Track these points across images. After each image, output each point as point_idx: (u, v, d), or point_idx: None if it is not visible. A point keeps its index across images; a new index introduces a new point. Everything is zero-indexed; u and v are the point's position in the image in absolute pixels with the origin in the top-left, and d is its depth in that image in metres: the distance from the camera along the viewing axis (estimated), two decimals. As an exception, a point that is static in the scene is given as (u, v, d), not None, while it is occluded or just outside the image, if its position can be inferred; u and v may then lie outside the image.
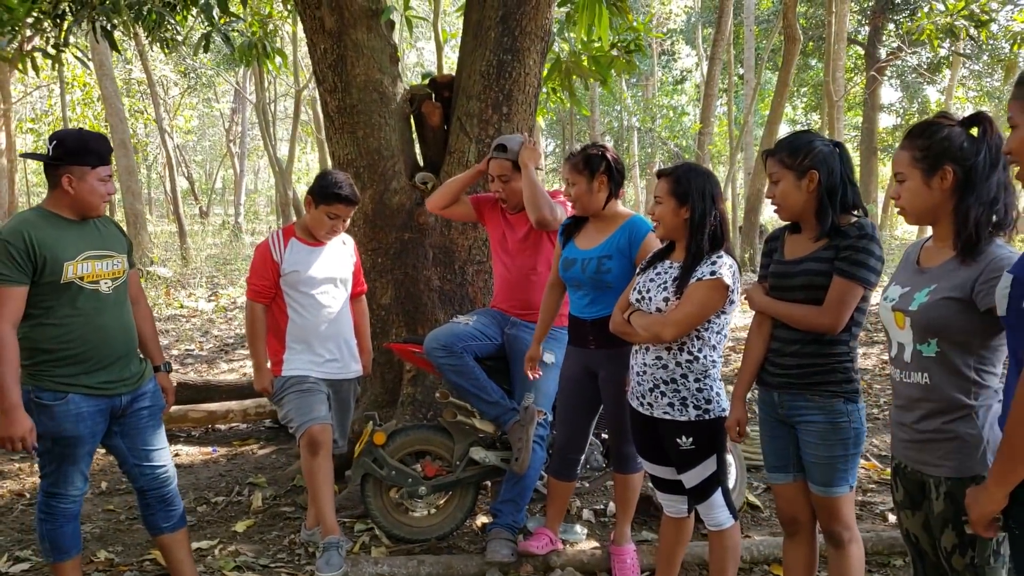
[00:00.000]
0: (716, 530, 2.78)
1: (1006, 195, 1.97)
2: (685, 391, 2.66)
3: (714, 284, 2.57)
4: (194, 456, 5.20)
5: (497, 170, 3.42)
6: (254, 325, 3.39)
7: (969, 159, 1.97)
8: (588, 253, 3.10)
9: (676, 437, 2.69)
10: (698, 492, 2.75)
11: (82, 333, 2.69)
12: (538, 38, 4.35)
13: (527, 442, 3.32)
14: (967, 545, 1.94)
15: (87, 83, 18.35)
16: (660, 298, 2.65)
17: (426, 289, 4.38)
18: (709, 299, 2.58)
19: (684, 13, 26.36)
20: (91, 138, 2.72)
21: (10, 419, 2.56)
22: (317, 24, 4.32)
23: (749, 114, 16.60)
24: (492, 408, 3.46)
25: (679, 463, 2.75)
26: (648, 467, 2.93)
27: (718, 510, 2.76)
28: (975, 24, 9.02)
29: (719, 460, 2.73)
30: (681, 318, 2.58)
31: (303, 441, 3.27)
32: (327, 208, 3.33)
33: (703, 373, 2.66)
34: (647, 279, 2.75)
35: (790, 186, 2.45)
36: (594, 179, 3.07)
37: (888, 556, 3.42)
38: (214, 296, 12.48)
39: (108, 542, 3.78)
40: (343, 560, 3.18)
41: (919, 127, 2.06)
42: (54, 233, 2.67)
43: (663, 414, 2.70)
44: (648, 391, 2.72)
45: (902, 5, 19.07)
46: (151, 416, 2.93)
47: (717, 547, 2.80)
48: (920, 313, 1.99)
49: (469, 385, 3.41)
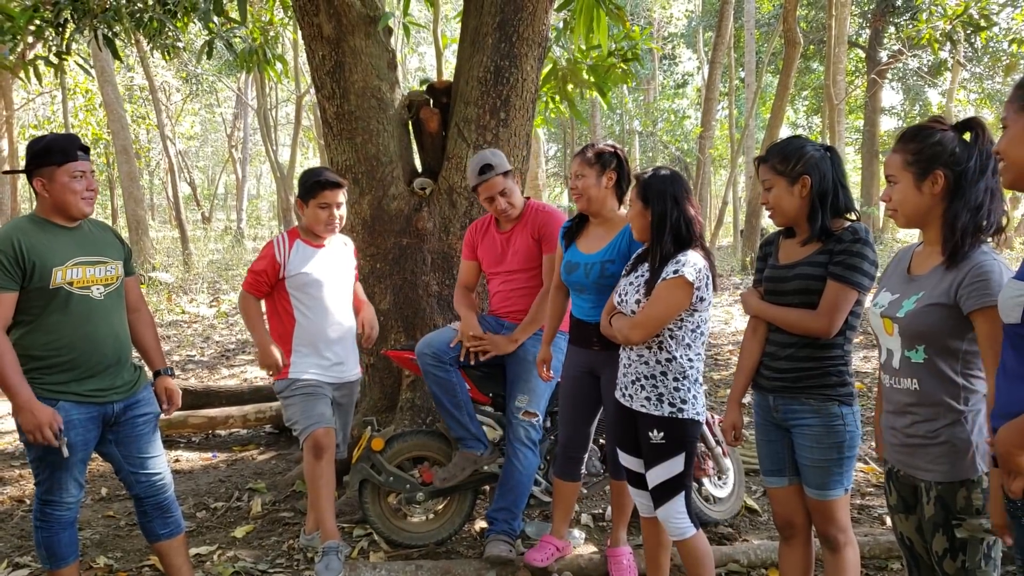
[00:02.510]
0: (679, 539, 2.78)
1: (992, 201, 1.97)
2: (663, 387, 2.70)
3: (677, 283, 2.60)
4: (194, 462, 5.21)
5: (494, 189, 3.43)
6: (249, 310, 3.39)
7: (960, 164, 1.97)
8: (591, 257, 3.12)
9: (649, 430, 2.73)
10: (660, 493, 2.76)
11: (71, 340, 2.69)
12: (535, 44, 4.36)
13: (462, 473, 3.48)
14: (958, 549, 1.95)
15: (89, 90, 18.42)
16: (633, 300, 2.71)
17: (424, 295, 4.39)
18: (673, 298, 2.61)
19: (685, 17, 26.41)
20: (55, 139, 2.71)
21: (29, 411, 2.57)
22: (315, 31, 4.34)
23: (750, 117, 16.62)
24: (459, 429, 3.50)
25: (648, 457, 2.77)
26: (623, 458, 2.95)
27: (677, 518, 2.76)
28: (973, 29, 9.03)
29: (687, 462, 2.74)
30: (644, 319, 2.63)
31: (307, 444, 3.27)
32: (315, 200, 3.36)
33: (681, 373, 2.70)
34: (627, 282, 2.81)
35: (783, 192, 2.47)
36: (604, 174, 3.11)
37: (885, 560, 3.42)
38: (215, 302, 12.51)
39: (107, 548, 3.79)
40: (342, 564, 3.19)
41: (912, 131, 2.07)
42: (44, 238, 2.67)
43: (640, 407, 2.75)
44: (630, 383, 2.78)
45: (903, 8, 19.09)
46: (146, 424, 2.93)
47: (685, 557, 2.81)
48: (907, 320, 2.00)
49: (446, 400, 3.45)
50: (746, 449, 4.23)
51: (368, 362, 4.54)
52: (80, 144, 2.77)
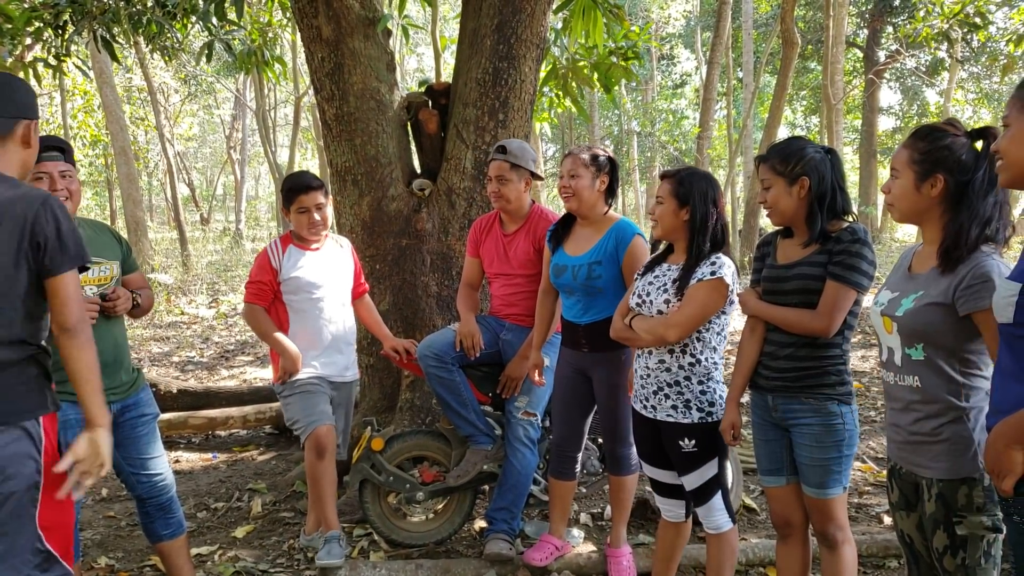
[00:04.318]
0: (715, 533, 2.80)
1: (1001, 214, 1.96)
2: (689, 393, 2.69)
3: (715, 284, 2.60)
4: (194, 462, 5.23)
5: (496, 171, 3.44)
6: (258, 321, 3.38)
7: (966, 173, 1.97)
8: (578, 260, 3.13)
9: (679, 439, 2.71)
10: (699, 495, 2.77)
11: None
12: (534, 45, 4.38)
13: (474, 470, 3.49)
14: (958, 546, 1.96)
15: (88, 91, 18.41)
16: (660, 300, 2.68)
17: (424, 295, 4.40)
18: (711, 299, 2.61)
19: (683, 17, 26.43)
20: None
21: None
22: (314, 33, 4.35)
23: (748, 118, 16.63)
24: (467, 427, 3.50)
25: (681, 466, 2.77)
26: (649, 471, 2.95)
27: (717, 513, 2.78)
28: (970, 28, 9.05)
29: (720, 463, 2.75)
30: (683, 319, 2.60)
31: (309, 443, 3.28)
32: (294, 206, 3.39)
33: (706, 376, 2.69)
34: (646, 283, 2.78)
35: (781, 192, 2.48)
36: (598, 176, 3.13)
37: (883, 558, 3.44)
38: (215, 303, 12.51)
39: (109, 548, 3.80)
40: (343, 550, 3.22)
41: (925, 129, 2.07)
42: None
43: (666, 416, 2.72)
44: (652, 394, 2.75)
45: (900, 8, 19.11)
46: (145, 425, 2.94)
47: (715, 550, 2.82)
48: (906, 318, 2.02)
49: (452, 400, 3.46)
50: (744, 448, 4.24)
51: (368, 362, 4.56)
52: (53, 144, 2.68)
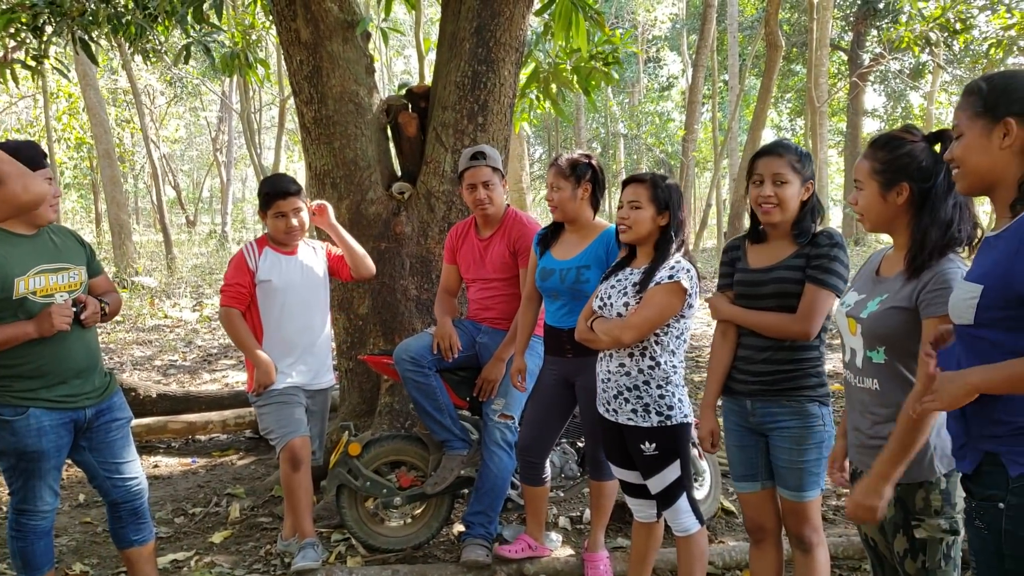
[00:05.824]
0: (683, 535, 2.80)
1: (962, 216, 1.96)
2: (648, 397, 2.69)
3: (672, 288, 2.61)
4: (173, 467, 5.19)
5: (481, 177, 3.43)
6: (234, 326, 3.34)
7: (928, 179, 1.97)
8: (566, 263, 3.13)
9: (640, 443, 2.72)
10: (663, 498, 2.78)
11: (40, 347, 2.67)
12: (513, 49, 4.38)
13: (451, 476, 3.49)
14: (918, 549, 1.97)
15: (72, 94, 18.28)
16: (620, 303, 2.69)
17: (403, 299, 4.40)
18: (667, 303, 2.61)
19: (669, 20, 26.52)
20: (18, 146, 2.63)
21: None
22: (293, 36, 4.34)
23: (733, 120, 16.72)
24: (442, 432, 3.50)
25: (644, 469, 2.77)
26: (616, 471, 2.96)
27: (684, 515, 2.78)
28: (950, 33, 9.13)
29: (683, 465, 2.75)
30: (639, 322, 2.61)
31: (284, 455, 3.27)
32: (270, 211, 3.38)
33: (665, 379, 2.69)
34: (608, 286, 2.80)
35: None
36: (579, 186, 3.12)
37: (859, 560, 3.44)
38: (198, 306, 12.45)
39: (84, 555, 3.77)
40: (319, 556, 3.22)
41: (883, 139, 2.06)
42: (4, 249, 2.64)
43: (627, 420, 2.73)
44: (613, 398, 2.76)
45: (884, 12, 19.26)
46: (119, 429, 2.92)
47: (684, 553, 2.82)
48: (869, 321, 2.02)
49: (428, 404, 3.45)
50: (722, 452, 4.25)
51: (347, 366, 4.54)
52: (43, 151, 2.74)
